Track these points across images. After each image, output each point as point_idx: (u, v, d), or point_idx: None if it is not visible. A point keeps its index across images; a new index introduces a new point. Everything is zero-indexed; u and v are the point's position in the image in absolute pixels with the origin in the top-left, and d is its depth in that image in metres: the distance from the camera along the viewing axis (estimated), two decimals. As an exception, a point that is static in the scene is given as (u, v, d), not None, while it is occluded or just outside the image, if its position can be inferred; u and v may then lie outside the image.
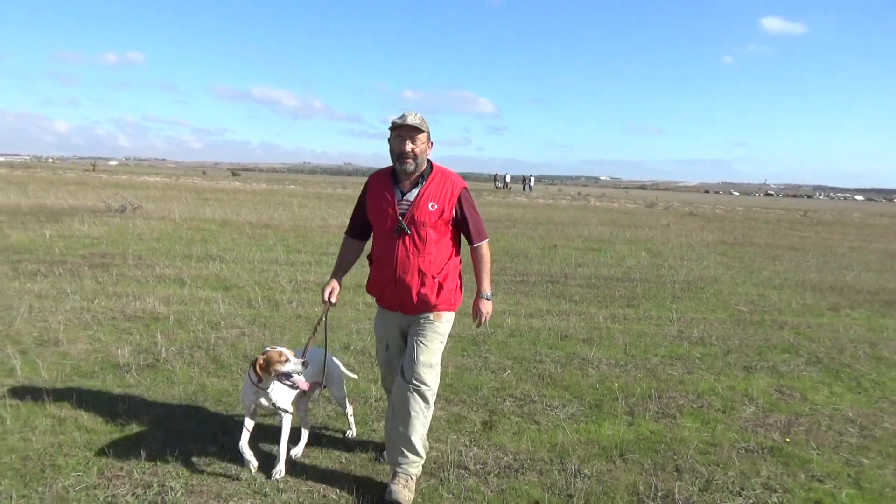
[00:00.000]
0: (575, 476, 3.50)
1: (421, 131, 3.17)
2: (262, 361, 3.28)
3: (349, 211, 3.78)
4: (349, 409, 3.94)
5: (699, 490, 3.44)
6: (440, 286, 3.27)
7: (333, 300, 3.40)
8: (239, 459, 3.37)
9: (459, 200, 3.27)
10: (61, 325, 5.79)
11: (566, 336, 6.45)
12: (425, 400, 3.21)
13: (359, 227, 3.50)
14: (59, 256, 9.52)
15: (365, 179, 3.45)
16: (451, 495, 3.27)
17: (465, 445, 3.84)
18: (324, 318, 3.45)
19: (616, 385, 5.00)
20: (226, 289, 7.90)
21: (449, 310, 3.34)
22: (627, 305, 8.15)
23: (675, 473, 3.62)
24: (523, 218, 22.68)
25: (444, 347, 3.37)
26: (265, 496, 3.18)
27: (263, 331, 6.07)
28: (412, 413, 3.18)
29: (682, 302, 8.54)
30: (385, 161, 3.32)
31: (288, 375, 3.30)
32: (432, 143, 3.29)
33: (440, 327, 3.32)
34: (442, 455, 3.69)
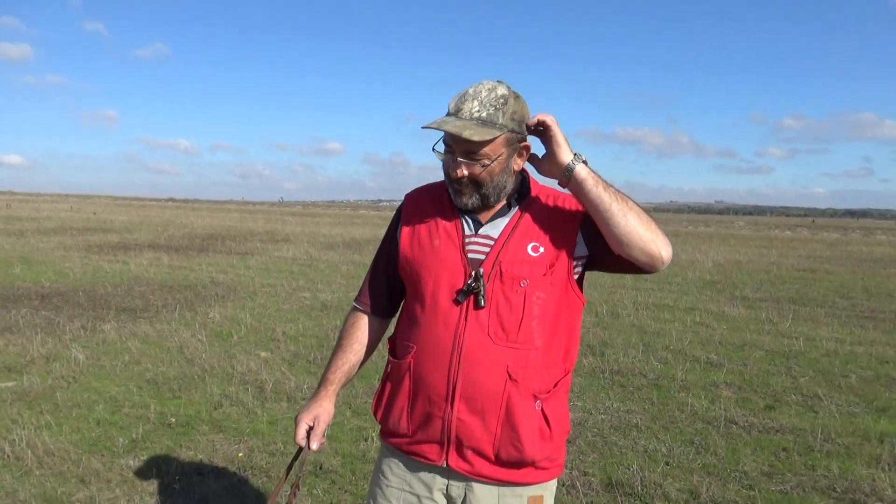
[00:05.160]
0: (826, 441, 4.47)
1: (485, 142, 1.58)
2: None
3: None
4: None
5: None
6: (545, 420, 1.68)
7: (314, 445, 1.75)
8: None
9: (585, 222, 1.70)
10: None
11: (886, 362, 6.78)
12: None
13: (382, 291, 1.89)
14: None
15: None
16: (717, 435, 4.59)
17: (742, 416, 5.04)
18: (298, 472, 1.77)
19: (911, 398, 5.47)
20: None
21: (556, 475, 1.77)
22: None
23: (929, 456, 4.29)
24: (914, 258, 20.19)
25: None
26: None
27: (606, 332, 7.86)
28: None
29: None
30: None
31: None
32: (528, 149, 1.71)
33: None
34: (718, 414, 4.98)
